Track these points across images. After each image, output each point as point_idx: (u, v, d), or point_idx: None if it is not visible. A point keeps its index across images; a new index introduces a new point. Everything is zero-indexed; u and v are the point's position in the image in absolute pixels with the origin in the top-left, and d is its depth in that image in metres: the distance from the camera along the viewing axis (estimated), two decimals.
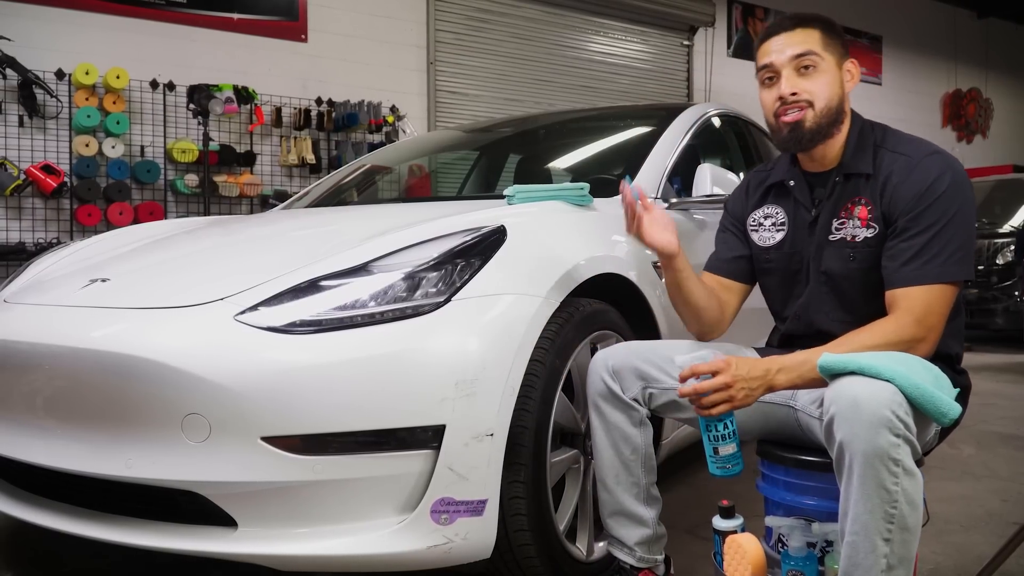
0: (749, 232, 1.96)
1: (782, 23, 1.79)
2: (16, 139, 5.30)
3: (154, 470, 1.63)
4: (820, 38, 1.76)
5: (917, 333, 1.60)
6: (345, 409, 1.61)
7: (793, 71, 1.75)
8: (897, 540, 1.39)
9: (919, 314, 1.61)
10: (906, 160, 1.70)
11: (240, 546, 1.63)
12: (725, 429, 1.61)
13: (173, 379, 1.61)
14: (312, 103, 6.39)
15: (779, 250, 1.88)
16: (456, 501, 1.65)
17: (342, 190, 3.48)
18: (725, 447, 1.61)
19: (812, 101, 1.74)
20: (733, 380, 1.56)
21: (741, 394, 1.56)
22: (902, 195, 1.67)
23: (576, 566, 1.94)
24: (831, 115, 1.76)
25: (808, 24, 1.77)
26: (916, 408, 1.43)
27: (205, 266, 2.13)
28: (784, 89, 1.75)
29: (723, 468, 1.62)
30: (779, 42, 1.77)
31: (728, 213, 2.04)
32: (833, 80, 1.76)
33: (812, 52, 1.74)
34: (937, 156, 1.70)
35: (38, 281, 2.31)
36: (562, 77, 8.10)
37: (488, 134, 3.91)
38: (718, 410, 1.58)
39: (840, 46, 1.79)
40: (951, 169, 1.67)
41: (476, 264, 1.79)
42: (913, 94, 11.94)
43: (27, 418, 1.84)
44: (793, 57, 1.75)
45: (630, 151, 2.97)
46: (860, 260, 1.73)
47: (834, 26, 1.80)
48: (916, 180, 1.67)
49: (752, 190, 1.99)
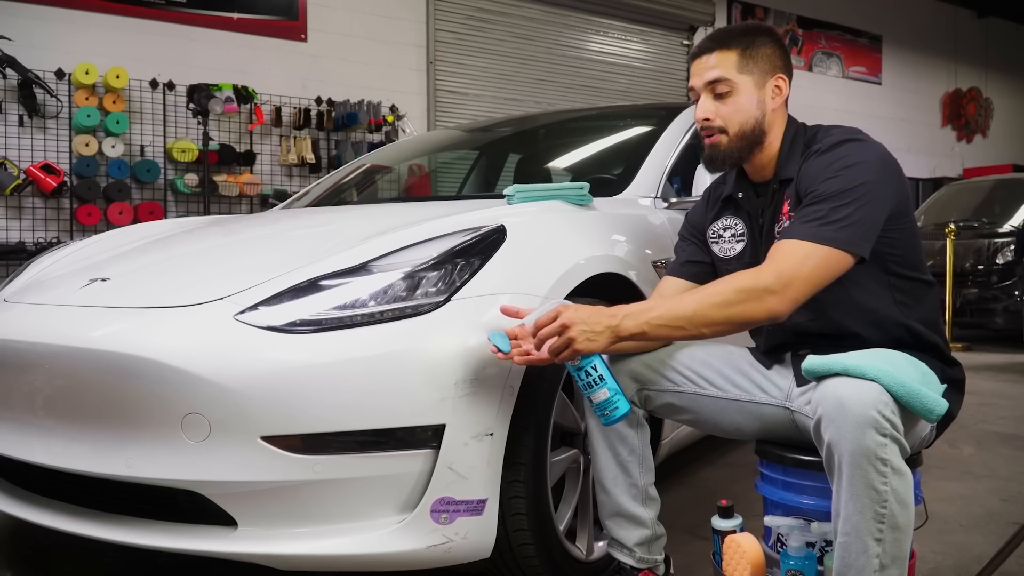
0: (710, 244, 1.92)
1: (703, 44, 1.77)
2: (16, 139, 5.31)
3: (154, 469, 1.63)
4: (736, 61, 1.72)
5: (772, 284, 1.55)
6: (345, 409, 1.61)
7: (709, 95, 1.74)
8: (889, 539, 1.39)
9: (780, 267, 1.56)
10: (818, 147, 1.70)
11: (240, 545, 1.63)
12: (588, 376, 1.62)
13: (173, 378, 1.61)
14: (312, 103, 6.39)
15: (740, 260, 1.84)
16: (456, 500, 1.65)
17: (342, 190, 3.48)
18: (596, 394, 1.63)
19: (724, 128, 1.74)
20: (570, 322, 1.59)
21: (581, 336, 1.58)
22: (809, 175, 1.67)
23: (576, 566, 1.94)
24: (747, 137, 1.74)
25: (726, 46, 1.73)
26: (903, 406, 1.43)
27: (205, 265, 2.13)
28: (697, 114, 1.76)
29: (604, 416, 1.65)
30: (699, 64, 1.76)
31: (688, 223, 2.01)
32: (748, 103, 1.73)
33: (724, 79, 1.72)
34: (854, 142, 1.67)
35: (38, 281, 2.31)
36: (562, 76, 8.11)
37: (488, 134, 3.91)
38: (563, 356, 1.60)
39: (765, 64, 1.74)
40: (861, 150, 1.65)
41: (476, 264, 1.79)
42: (913, 94, 11.95)
43: (27, 417, 1.84)
44: (707, 82, 1.74)
45: (630, 151, 2.97)
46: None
47: (756, 44, 1.74)
48: (824, 160, 1.66)
49: (712, 202, 1.95)
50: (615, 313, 1.61)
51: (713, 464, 3.17)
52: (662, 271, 2.35)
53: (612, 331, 1.59)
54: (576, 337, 1.58)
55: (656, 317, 1.58)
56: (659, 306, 1.61)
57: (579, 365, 1.62)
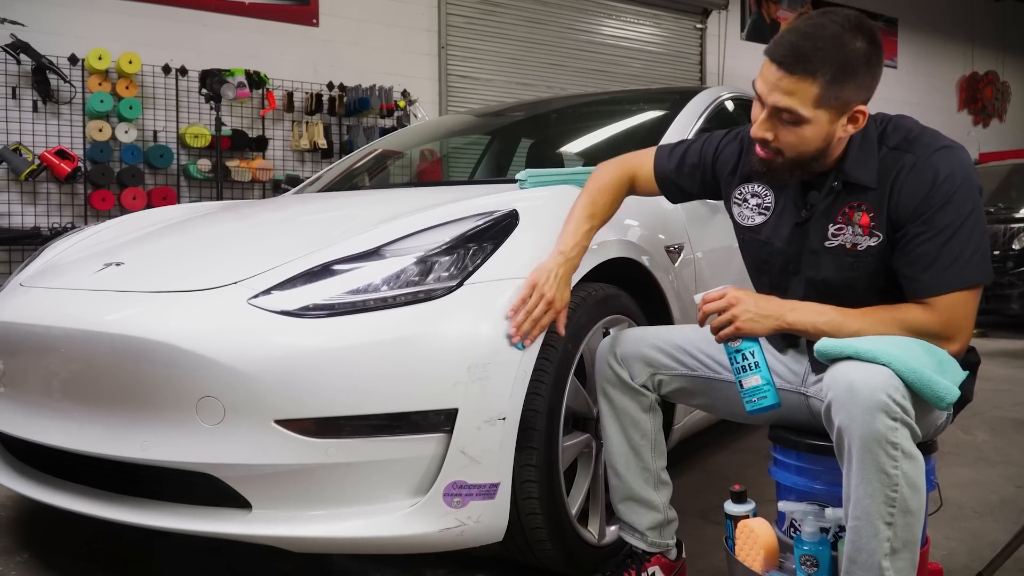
0: (732, 204, 1.83)
1: (784, 55, 1.51)
2: (30, 124, 5.32)
3: (169, 452, 1.65)
4: (817, 95, 1.50)
5: (942, 332, 1.55)
6: (358, 393, 1.61)
7: (774, 113, 1.56)
8: (900, 523, 1.39)
9: (944, 319, 1.54)
10: (912, 159, 1.57)
11: (254, 528, 1.65)
12: (744, 360, 1.61)
13: (187, 362, 1.62)
14: (324, 88, 6.38)
15: (754, 233, 1.79)
16: (468, 484, 1.65)
17: (354, 175, 3.48)
18: (748, 379, 1.61)
19: (782, 151, 1.59)
20: (736, 300, 1.60)
21: (745, 316, 1.59)
22: (911, 198, 1.56)
23: (588, 550, 1.95)
24: (806, 163, 1.61)
25: (811, 73, 1.49)
26: (914, 392, 1.42)
27: (218, 250, 2.14)
28: (755, 131, 1.60)
29: (751, 402, 1.61)
30: (774, 75, 1.52)
31: (707, 151, 1.88)
32: (816, 135, 1.55)
33: (796, 111, 1.52)
34: (945, 151, 1.56)
35: (53, 265, 2.33)
36: (574, 61, 8.06)
37: (500, 118, 3.90)
38: (725, 333, 1.61)
39: (851, 95, 1.52)
40: (961, 165, 1.56)
41: (488, 248, 1.79)
42: (929, 77, 11.83)
43: (43, 400, 1.86)
44: (777, 107, 1.54)
45: (642, 135, 2.96)
46: (863, 268, 1.63)
47: (848, 72, 1.49)
48: (925, 181, 1.54)
49: (748, 152, 1.77)
50: (784, 304, 1.62)
51: (726, 449, 3.17)
52: (675, 256, 2.35)
53: (777, 320, 1.60)
54: (740, 316, 1.59)
55: (825, 323, 1.57)
56: (828, 313, 1.58)
57: (738, 348, 1.62)
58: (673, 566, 1.91)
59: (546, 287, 1.72)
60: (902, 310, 1.57)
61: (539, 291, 1.71)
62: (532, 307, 1.71)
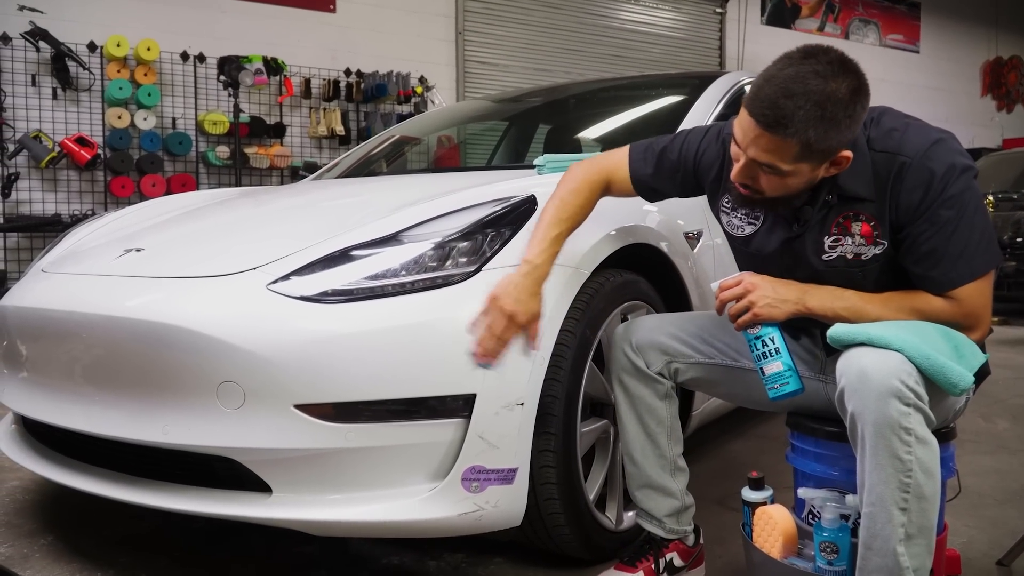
0: (720, 211, 1.80)
1: (767, 113, 1.43)
2: (50, 111, 5.37)
3: (190, 436, 1.66)
4: (797, 152, 1.45)
5: (963, 322, 1.55)
6: (376, 378, 1.62)
7: (753, 161, 1.51)
8: (914, 509, 1.39)
9: (965, 310, 1.54)
10: (905, 161, 1.52)
11: (274, 511, 1.66)
12: (764, 347, 1.60)
13: (207, 347, 1.63)
14: (341, 74, 6.39)
15: (743, 245, 1.76)
16: (487, 469, 1.66)
17: (371, 161, 3.49)
18: (769, 365, 1.59)
19: (762, 192, 1.56)
20: (753, 286, 1.59)
21: (762, 302, 1.58)
22: (910, 201, 1.53)
23: (605, 535, 1.96)
24: (791, 195, 1.57)
25: (791, 135, 1.43)
26: (927, 378, 1.41)
27: (237, 236, 2.15)
28: (735, 176, 1.56)
29: (773, 389, 1.59)
30: (752, 130, 1.47)
31: (688, 153, 1.80)
32: (799, 182, 1.52)
33: (776, 166, 1.48)
34: (937, 146, 1.53)
35: (74, 251, 2.35)
36: (592, 46, 8.02)
37: (517, 104, 3.89)
38: (743, 320, 1.60)
39: (833, 144, 1.46)
40: (954, 156, 1.53)
41: (506, 234, 1.79)
42: (952, 62, 11.69)
43: (66, 385, 1.88)
44: (755, 162, 1.50)
45: (661, 120, 2.94)
46: (869, 274, 1.61)
47: (830, 134, 1.43)
48: (922, 182, 1.51)
49: (729, 161, 1.67)
50: (803, 288, 1.60)
51: (743, 436, 3.17)
52: (694, 242, 2.34)
53: (796, 304, 1.59)
54: (757, 301, 1.59)
55: (844, 308, 1.56)
56: (848, 298, 1.57)
57: (757, 334, 1.60)
58: (691, 552, 1.91)
59: (506, 300, 1.58)
60: (922, 299, 1.56)
61: (498, 304, 1.58)
62: (492, 321, 1.58)
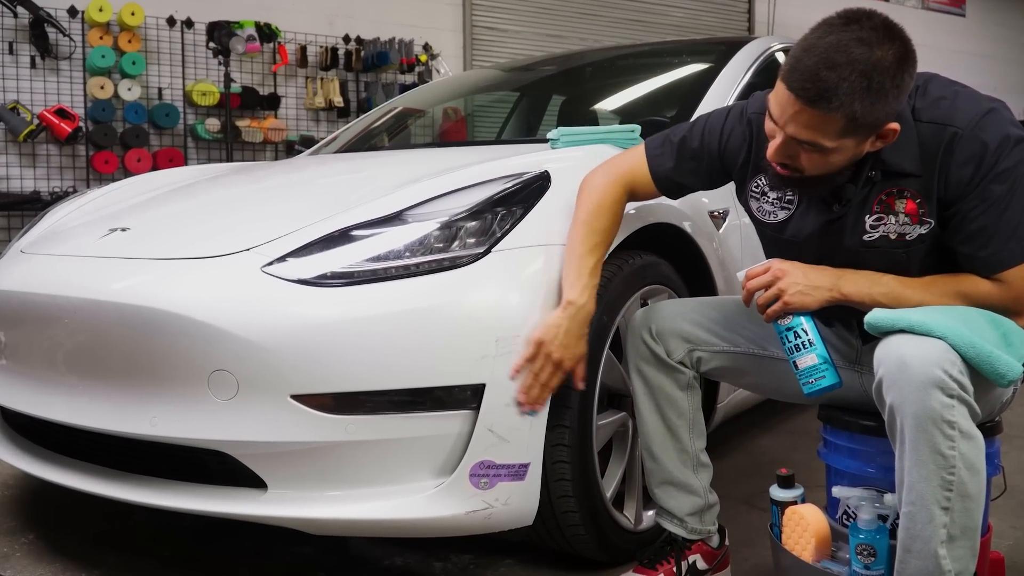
0: (749, 198, 1.78)
1: (808, 87, 1.41)
2: (28, 81, 5.37)
3: (180, 428, 1.67)
4: (842, 127, 1.44)
5: (1011, 307, 1.54)
6: (379, 366, 1.63)
7: (792, 139, 1.49)
8: (958, 509, 1.38)
9: (1016, 295, 1.53)
10: (956, 133, 1.50)
11: (270, 508, 1.67)
12: (796, 339, 1.59)
13: (198, 334, 1.64)
14: (339, 41, 6.37)
15: (777, 232, 1.74)
16: (496, 464, 1.67)
17: (373, 135, 3.49)
18: (802, 358, 1.58)
19: (802, 171, 1.54)
20: (782, 272, 1.58)
21: (792, 289, 1.57)
22: (960, 176, 1.50)
23: (623, 535, 1.96)
24: (834, 173, 1.55)
25: (835, 109, 1.41)
26: (973, 368, 1.40)
27: (229, 215, 2.16)
28: (772, 155, 1.54)
29: (808, 383, 1.58)
30: (792, 105, 1.45)
31: (710, 140, 1.78)
32: (842, 159, 1.51)
33: (818, 143, 1.46)
34: (989, 117, 1.51)
35: (55, 231, 2.36)
36: (610, 10, 7.96)
37: (529, 73, 3.87)
38: (773, 310, 1.59)
39: (880, 117, 1.44)
40: (1007, 127, 1.51)
41: (518, 213, 1.79)
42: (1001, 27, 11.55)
43: (47, 374, 1.89)
44: (795, 138, 1.48)
45: (685, 91, 2.93)
46: (914, 255, 1.59)
47: (877, 105, 1.42)
48: (974, 155, 1.49)
49: (758, 142, 1.69)
50: (837, 273, 1.59)
51: (772, 431, 3.16)
52: (720, 222, 2.33)
53: (830, 291, 1.57)
54: (787, 289, 1.58)
55: (882, 294, 1.55)
56: (886, 283, 1.56)
57: (788, 325, 1.59)
58: (716, 554, 1.91)
59: (553, 346, 1.63)
60: (968, 281, 1.55)
61: (544, 351, 1.63)
62: (538, 369, 1.64)
